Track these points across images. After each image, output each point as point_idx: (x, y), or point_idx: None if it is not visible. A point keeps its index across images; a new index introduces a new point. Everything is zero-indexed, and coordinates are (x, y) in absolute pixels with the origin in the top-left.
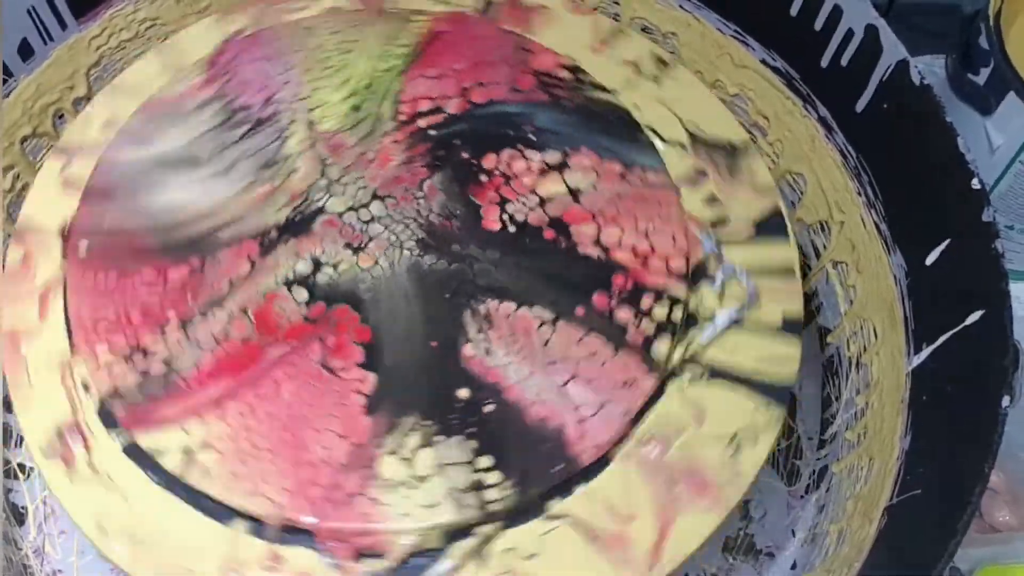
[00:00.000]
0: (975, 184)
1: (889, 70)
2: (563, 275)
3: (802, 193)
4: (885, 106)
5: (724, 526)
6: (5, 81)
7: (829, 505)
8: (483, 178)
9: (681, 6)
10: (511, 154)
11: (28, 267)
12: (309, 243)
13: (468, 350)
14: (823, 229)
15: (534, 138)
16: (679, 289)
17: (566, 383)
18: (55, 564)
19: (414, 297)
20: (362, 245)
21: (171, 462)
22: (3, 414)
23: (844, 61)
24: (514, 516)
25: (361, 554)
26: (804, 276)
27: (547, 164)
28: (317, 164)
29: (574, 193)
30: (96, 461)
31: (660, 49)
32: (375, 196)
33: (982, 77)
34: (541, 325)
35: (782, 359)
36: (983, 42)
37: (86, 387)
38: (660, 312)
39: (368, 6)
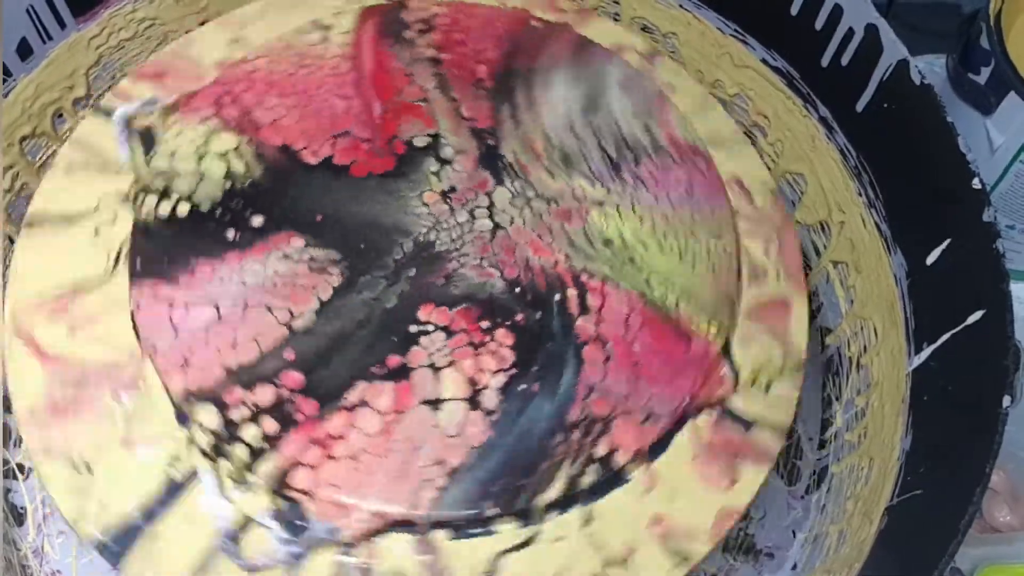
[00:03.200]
0: (975, 184)
1: (889, 70)
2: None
3: (802, 193)
4: (885, 106)
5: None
6: (4, 81)
7: (829, 505)
8: (471, 324)
9: (681, 5)
10: (506, 357)
11: None
12: (469, 161)
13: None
14: (823, 229)
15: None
16: None
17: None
18: (54, 565)
19: None
20: (449, 199)
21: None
22: (3, 414)
23: (844, 60)
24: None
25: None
26: (804, 276)
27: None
28: (554, 194)
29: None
30: None
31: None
32: (496, 226)
33: (982, 77)
34: None
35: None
36: (984, 42)
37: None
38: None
39: None
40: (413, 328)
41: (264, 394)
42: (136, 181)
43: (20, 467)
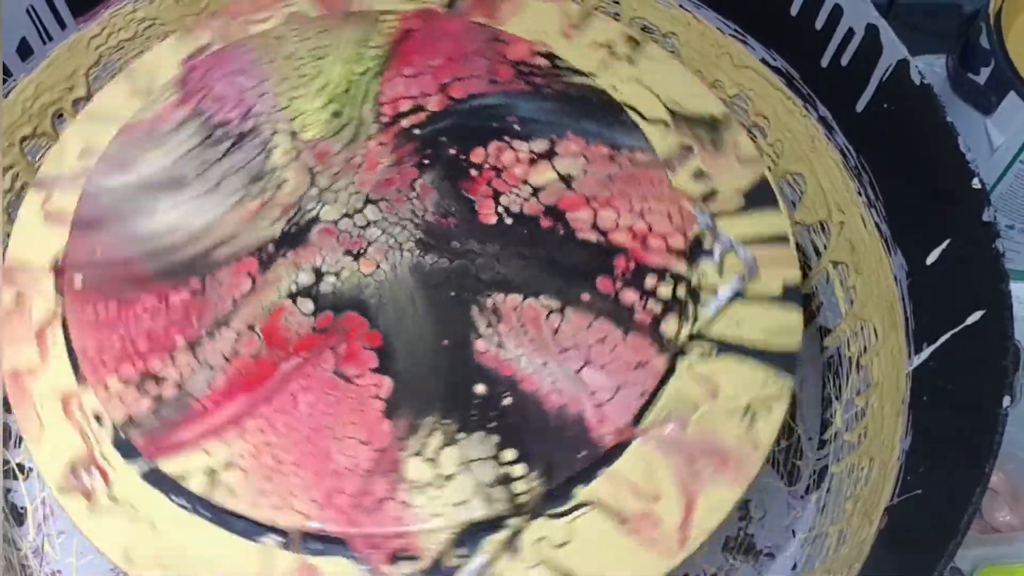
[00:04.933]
0: (975, 184)
1: (889, 70)
2: (565, 262)
3: (802, 193)
4: (885, 106)
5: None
6: (4, 81)
7: (829, 505)
8: (473, 172)
9: (681, 5)
10: (498, 146)
11: (22, 306)
12: (308, 253)
13: (480, 345)
14: (823, 229)
15: (519, 128)
16: (680, 266)
17: (580, 369)
18: (54, 565)
19: (420, 297)
20: (361, 251)
21: (196, 484)
22: (3, 414)
23: (844, 61)
24: (542, 506)
25: (396, 557)
26: (804, 276)
27: (535, 153)
28: (305, 174)
29: (565, 179)
30: (117, 492)
31: (630, 29)
32: (368, 200)
33: (982, 77)
34: (549, 314)
35: (786, 329)
36: (983, 41)
37: (99, 419)
38: (664, 291)
39: (331, 10)
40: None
41: None
42: None
43: (20, 467)
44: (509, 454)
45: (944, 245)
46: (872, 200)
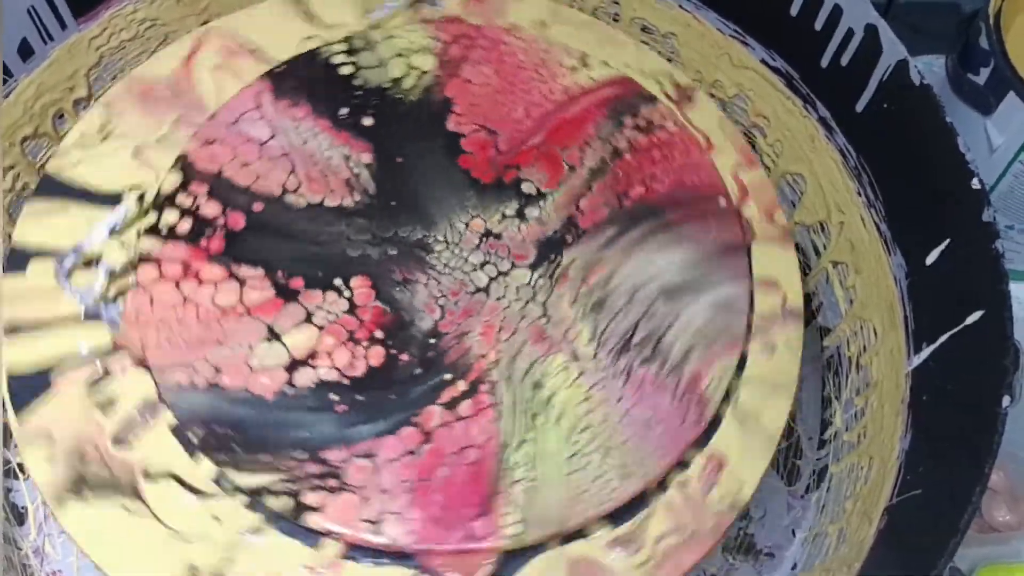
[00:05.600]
0: (975, 184)
1: (889, 70)
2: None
3: (802, 193)
4: (885, 106)
5: None
6: (5, 81)
7: (829, 505)
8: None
9: (681, 6)
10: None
11: None
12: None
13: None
14: (823, 229)
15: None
16: None
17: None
18: (55, 564)
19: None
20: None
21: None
22: (3, 414)
23: (844, 61)
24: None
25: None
26: (804, 276)
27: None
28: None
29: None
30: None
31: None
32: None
33: (982, 77)
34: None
35: None
36: (983, 42)
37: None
38: None
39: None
40: (337, 281)
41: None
42: None
43: (21, 467)
44: None
45: (944, 245)
46: (872, 200)
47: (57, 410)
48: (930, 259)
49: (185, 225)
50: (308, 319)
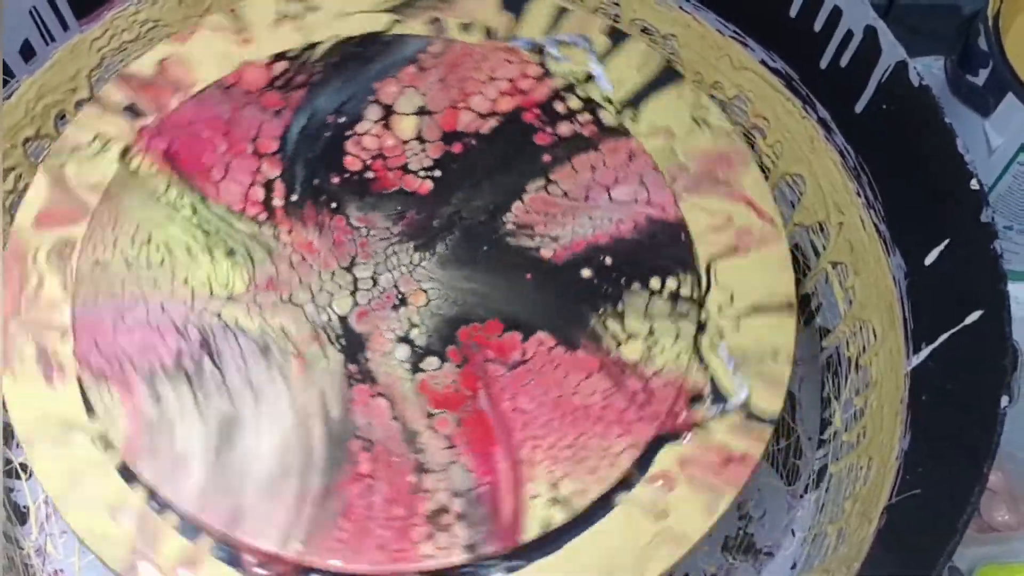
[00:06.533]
0: (974, 185)
1: (888, 71)
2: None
3: (801, 194)
4: (884, 107)
5: None
6: (7, 82)
7: (828, 505)
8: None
9: (681, 7)
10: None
11: None
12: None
13: None
14: (822, 230)
15: None
16: None
17: None
18: (57, 564)
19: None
20: (400, 297)
21: None
22: (2, 414)
23: (843, 62)
24: None
25: None
26: (803, 276)
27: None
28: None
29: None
30: None
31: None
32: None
33: (981, 78)
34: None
35: None
36: (982, 43)
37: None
38: None
39: None
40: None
41: None
42: None
43: (23, 466)
44: None
45: (943, 246)
46: (871, 201)
47: None
48: (929, 259)
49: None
50: None
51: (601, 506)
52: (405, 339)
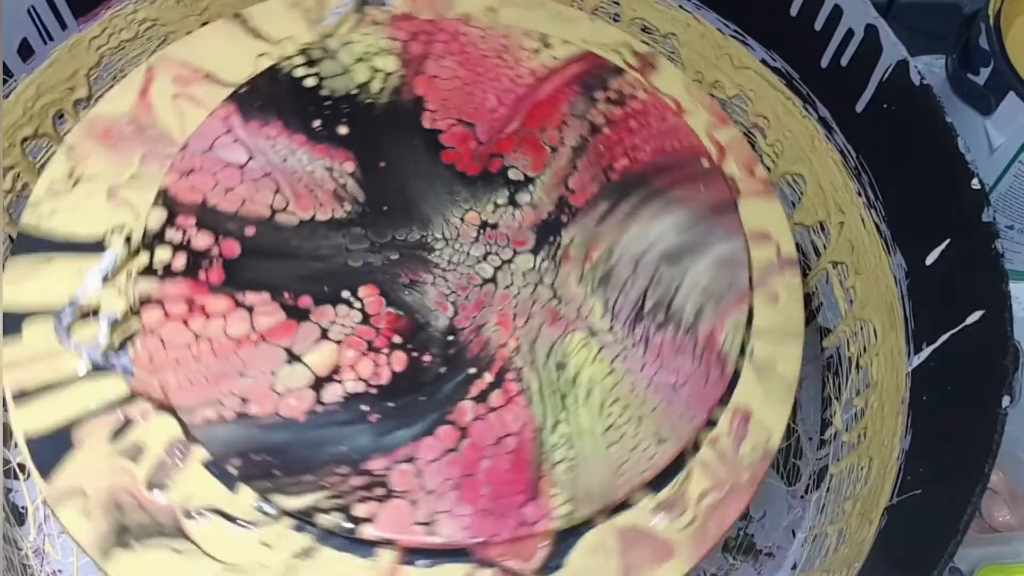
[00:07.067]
0: (975, 184)
1: (889, 70)
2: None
3: (802, 194)
4: (885, 106)
5: None
6: (5, 81)
7: (829, 505)
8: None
9: (681, 6)
10: None
11: None
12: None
13: None
14: (823, 230)
15: None
16: None
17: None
18: (55, 564)
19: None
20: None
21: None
22: (2, 414)
23: (844, 61)
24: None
25: None
26: (804, 276)
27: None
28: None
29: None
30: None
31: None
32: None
33: (982, 77)
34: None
35: None
36: (983, 42)
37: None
38: None
39: None
40: (345, 293)
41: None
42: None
43: (21, 467)
44: None
45: (944, 245)
46: (872, 200)
47: (85, 467)
48: (930, 259)
49: (180, 260)
50: (324, 336)
51: None
52: None
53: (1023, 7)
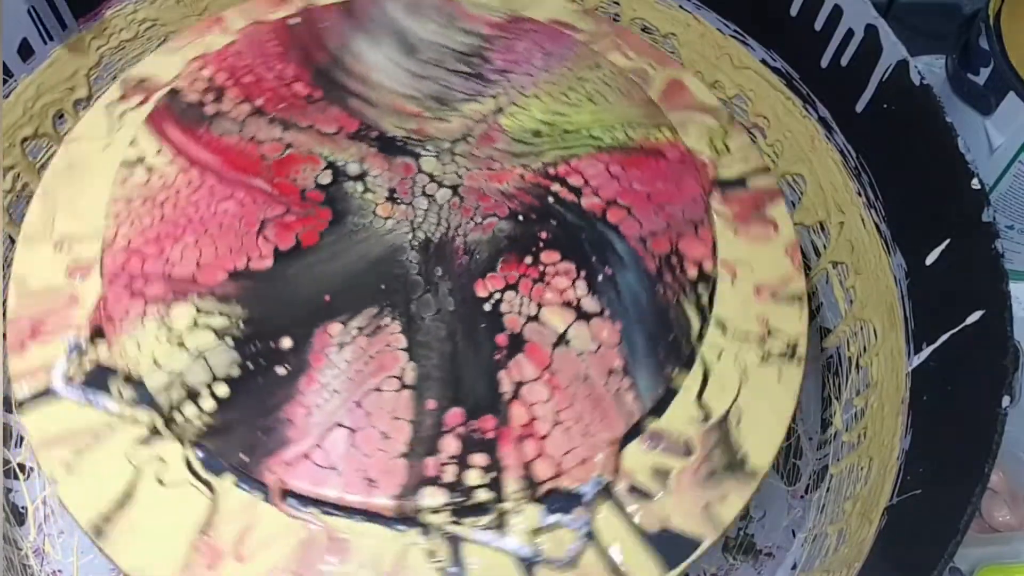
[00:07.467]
0: (975, 184)
1: (889, 70)
2: None
3: (802, 194)
4: (885, 106)
5: None
6: (5, 81)
7: (829, 505)
8: (520, 267)
9: (681, 6)
10: (566, 268)
11: None
12: (376, 160)
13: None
14: (823, 230)
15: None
16: None
17: None
18: (55, 564)
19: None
20: (397, 199)
21: None
22: (3, 414)
23: (844, 61)
24: None
25: None
26: (804, 276)
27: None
28: (461, 132)
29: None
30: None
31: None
32: (454, 188)
33: (982, 77)
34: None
35: None
36: (983, 42)
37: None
38: None
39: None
40: (487, 307)
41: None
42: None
43: (21, 467)
44: None
45: (944, 245)
46: (872, 200)
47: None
48: (930, 259)
49: None
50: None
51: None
52: None
53: (1023, 7)
